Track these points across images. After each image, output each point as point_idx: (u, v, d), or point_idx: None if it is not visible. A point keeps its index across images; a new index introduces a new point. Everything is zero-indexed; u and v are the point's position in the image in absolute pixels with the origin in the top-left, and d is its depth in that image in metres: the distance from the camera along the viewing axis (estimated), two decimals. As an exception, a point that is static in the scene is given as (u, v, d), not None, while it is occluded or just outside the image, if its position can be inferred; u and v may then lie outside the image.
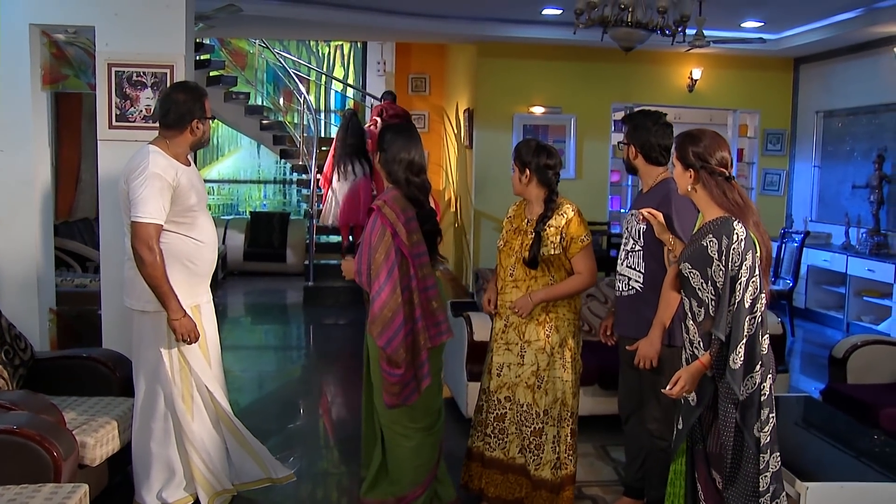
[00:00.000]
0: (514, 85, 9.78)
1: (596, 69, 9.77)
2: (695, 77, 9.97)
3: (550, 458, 3.86)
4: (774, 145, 10.36)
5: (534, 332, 3.87)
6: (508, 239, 3.97)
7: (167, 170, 3.60)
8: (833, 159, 9.57)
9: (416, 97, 12.84)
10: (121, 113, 4.71)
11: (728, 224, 2.99)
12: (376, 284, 3.57)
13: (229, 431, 3.90)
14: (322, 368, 7.35)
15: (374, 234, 3.62)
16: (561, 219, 3.83)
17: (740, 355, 2.93)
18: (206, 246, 3.77)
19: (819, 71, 9.81)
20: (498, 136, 9.77)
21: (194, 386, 3.74)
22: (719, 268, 2.97)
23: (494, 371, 3.94)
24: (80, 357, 4.26)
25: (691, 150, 3.10)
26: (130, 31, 4.74)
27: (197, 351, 3.74)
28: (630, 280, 3.80)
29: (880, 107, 8.73)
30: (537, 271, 3.84)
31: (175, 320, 3.57)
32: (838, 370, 5.03)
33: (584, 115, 9.93)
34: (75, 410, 3.82)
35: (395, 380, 3.57)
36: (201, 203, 3.78)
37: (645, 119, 3.83)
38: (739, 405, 3.00)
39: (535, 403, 3.85)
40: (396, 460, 3.81)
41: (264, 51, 12.12)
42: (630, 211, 3.90)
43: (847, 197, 9.22)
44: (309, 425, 5.79)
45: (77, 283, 5.60)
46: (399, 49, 12.63)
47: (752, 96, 10.25)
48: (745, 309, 2.93)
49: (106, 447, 3.65)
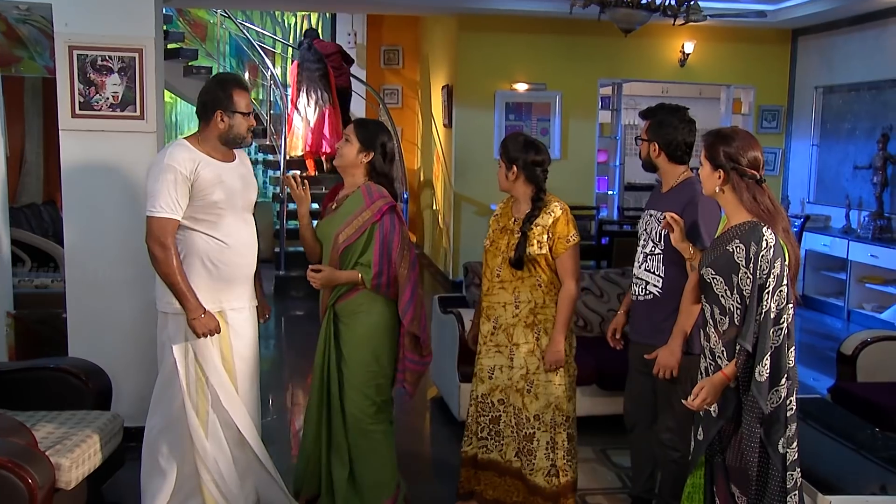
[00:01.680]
0: (496, 60, 9.73)
1: (582, 43, 9.73)
2: (687, 51, 9.97)
3: (544, 465, 3.88)
4: (770, 122, 10.41)
5: (522, 335, 3.88)
6: (495, 238, 3.98)
7: (184, 162, 3.53)
8: (833, 138, 9.64)
9: (389, 70, 12.75)
10: (85, 100, 4.61)
11: (757, 230, 2.98)
12: (403, 299, 3.72)
13: (254, 458, 3.79)
14: (294, 362, 7.31)
15: (394, 238, 3.71)
16: (548, 217, 3.84)
17: (766, 367, 2.93)
18: (231, 248, 3.63)
19: (818, 44, 9.85)
20: (479, 115, 9.73)
21: (210, 401, 3.64)
22: (746, 275, 2.96)
23: (486, 374, 3.97)
24: (48, 368, 4.15)
25: (722, 150, 3.08)
26: (93, 11, 4.63)
27: (217, 364, 3.63)
28: (648, 284, 3.79)
29: (884, 82, 8.76)
30: (523, 272, 3.86)
31: (193, 319, 3.51)
32: (847, 368, 5.06)
33: (569, 91, 9.91)
34: (45, 428, 3.74)
35: (423, 367, 3.90)
36: (231, 201, 3.64)
37: (670, 116, 3.81)
38: (764, 420, 3.00)
39: (524, 408, 3.88)
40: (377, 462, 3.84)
41: (226, 21, 11.94)
42: (648, 211, 3.88)
43: (848, 178, 9.29)
44: (280, 421, 5.78)
45: (37, 283, 5.49)
46: (370, 20, 12.51)
47: (747, 71, 10.28)
48: (772, 319, 2.93)
49: (82, 467, 3.58)
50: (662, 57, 10.11)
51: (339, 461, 3.84)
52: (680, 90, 12.79)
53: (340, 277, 3.73)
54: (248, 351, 3.77)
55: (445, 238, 10.48)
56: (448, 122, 10.15)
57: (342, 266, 3.74)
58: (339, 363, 3.80)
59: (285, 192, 9.88)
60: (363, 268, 3.71)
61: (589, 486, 4.60)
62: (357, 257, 3.72)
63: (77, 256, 4.73)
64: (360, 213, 3.73)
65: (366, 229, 3.71)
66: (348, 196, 3.83)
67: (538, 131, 9.87)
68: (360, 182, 3.82)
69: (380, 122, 4.12)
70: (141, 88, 4.65)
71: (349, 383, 3.78)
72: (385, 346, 3.81)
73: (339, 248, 3.72)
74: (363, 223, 3.71)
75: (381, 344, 3.80)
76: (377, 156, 3.81)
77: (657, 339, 3.71)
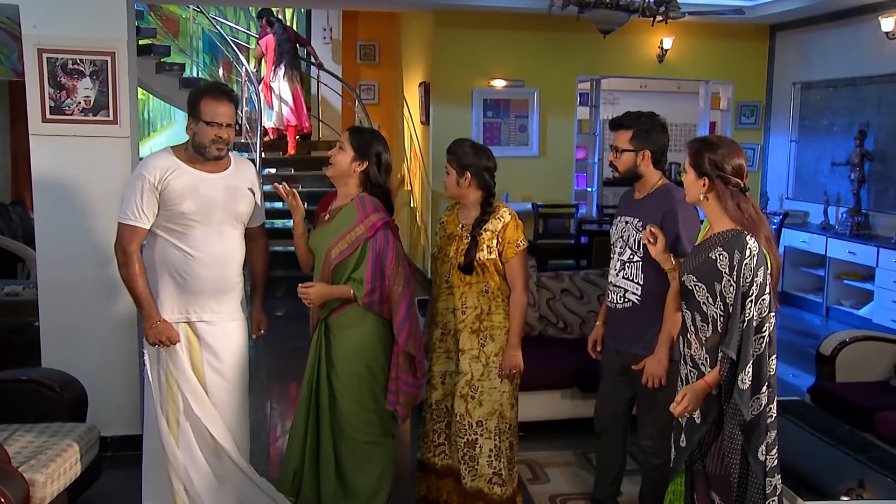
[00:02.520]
0: (474, 57, 9.73)
1: (561, 39, 9.74)
2: (665, 47, 10.01)
3: (486, 472, 3.90)
4: (749, 118, 10.48)
5: (467, 340, 3.89)
6: (442, 245, 3.98)
7: (154, 170, 3.52)
8: (811, 134, 9.72)
9: (365, 66, 12.71)
10: (56, 105, 4.56)
11: (741, 238, 3.01)
12: (398, 318, 3.67)
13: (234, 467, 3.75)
14: (272, 364, 7.29)
15: (388, 255, 3.67)
16: (497, 223, 3.84)
17: (749, 375, 2.97)
18: (198, 261, 3.60)
19: (796, 39, 9.92)
20: (457, 112, 9.72)
21: (180, 409, 3.63)
22: (730, 283, 2.99)
23: (438, 380, 3.98)
24: (19, 380, 4.12)
25: (708, 157, 3.11)
26: (62, 12, 4.57)
27: (187, 372, 3.62)
28: (627, 292, 3.80)
29: (862, 79, 8.85)
30: (472, 277, 3.86)
31: (147, 327, 3.55)
32: (826, 367, 5.12)
33: (548, 88, 9.93)
34: (19, 443, 3.71)
35: (417, 390, 3.82)
36: (205, 213, 3.59)
37: (653, 122, 3.82)
38: (745, 427, 3.04)
39: (467, 414, 3.88)
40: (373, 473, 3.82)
41: (199, 16, 11.86)
42: (623, 217, 3.88)
43: (826, 174, 9.38)
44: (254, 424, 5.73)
45: (7, 290, 5.41)
46: (346, 15, 12.47)
47: (726, 66, 10.35)
48: (755, 327, 2.97)
49: (58, 482, 3.56)
50: (641, 53, 10.15)
51: (327, 473, 3.80)
52: (658, 85, 12.88)
53: (333, 293, 3.68)
54: (224, 365, 3.73)
55: (423, 236, 10.48)
56: (425, 119, 10.14)
57: (335, 281, 3.70)
58: (330, 376, 3.76)
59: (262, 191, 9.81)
60: (356, 283, 3.66)
61: (570, 490, 4.62)
62: (350, 272, 3.67)
63: (50, 264, 4.68)
64: (354, 227, 3.66)
65: (359, 245, 3.65)
66: (341, 208, 3.76)
67: (516, 128, 9.89)
68: (354, 193, 3.76)
69: (375, 130, 4.08)
70: (114, 92, 4.61)
71: (343, 396, 3.75)
72: (378, 358, 3.77)
73: (332, 263, 3.67)
74: (356, 238, 3.65)
75: (375, 355, 3.76)
76: (372, 165, 3.74)
77: (636, 346, 3.75)
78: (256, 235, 3.97)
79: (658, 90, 13.29)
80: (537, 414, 5.25)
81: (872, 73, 8.69)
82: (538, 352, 5.37)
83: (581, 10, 5.30)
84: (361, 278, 3.65)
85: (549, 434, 5.28)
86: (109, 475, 4.27)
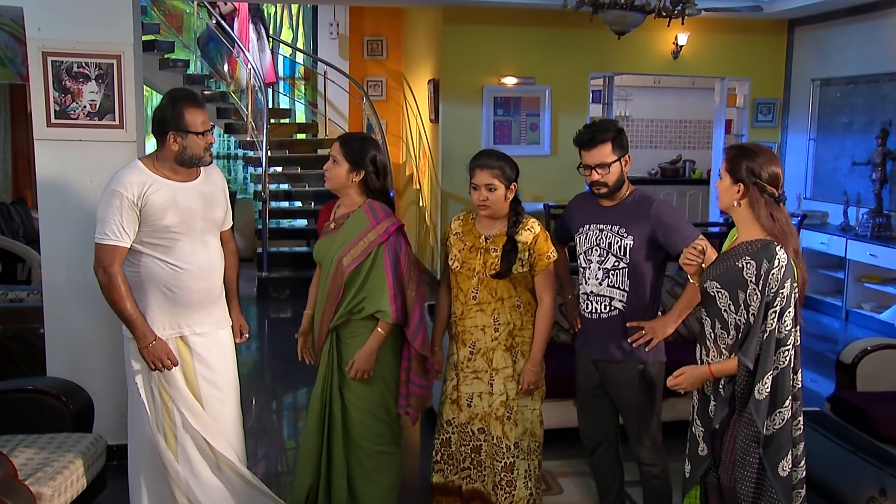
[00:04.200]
0: (484, 53, 9.72)
1: (572, 35, 9.72)
2: (680, 43, 9.99)
3: (523, 494, 3.88)
4: (766, 116, 10.46)
5: (501, 359, 3.86)
6: (465, 259, 3.89)
7: (132, 186, 3.52)
8: (830, 132, 9.69)
9: (372, 61, 12.70)
10: (61, 109, 4.59)
11: (770, 248, 3.04)
12: (413, 322, 3.71)
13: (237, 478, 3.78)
14: (277, 368, 7.32)
15: (402, 259, 3.70)
16: (528, 234, 3.82)
17: (766, 386, 3.00)
18: (188, 273, 3.62)
19: (815, 35, 9.89)
20: (466, 110, 9.72)
21: (177, 425, 3.65)
22: (755, 292, 3.03)
23: (464, 401, 3.91)
24: (25, 389, 4.14)
25: (745, 164, 3.14)
26: (67, 15, 4.59)
27: (181, 387, 3.64)
28: (613, 300, 3.78)
29: (883, 75, 8.80)
30: (504, 292, 3.82)
31: (142, 347, 3.54)
32: (846, 376, 5.10)
33: (559, 85, 9.91)
34: (25, 454, 3.73)
35: (428, 391, 3.89)
36: (188, 224, 3.61)
37: (617, 125, 3.81)
38: (763, 441, 3.05)
39: (504, 436, 3.85)
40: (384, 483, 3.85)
41: (202, 11, 11.86)
42: (596, 225, 3.82)
43: (845, 174, 9.35)
44: (260, 427, 5.81)
45: (11, 296, 5.44)
46: (352, 10, 12.46)
47: (742, 63, 10.32)
48: (779, 339, 3.00)
49: (65, 495, 3.58)
50: (655, 49, 10.13)
51: (339, 486, 3.81)
52: (673, 82, 12.85)
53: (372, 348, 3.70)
54: (217, 375, 3.76)
55: (432, 236, 10.49)
56: (434, 116, 10.14)
57: (347, 289, 3.69)
58: (342, 387, 3.78)
59: (268, 191, 9.86)
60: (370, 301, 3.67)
61: (584, 500, 4.66)
62: (362, 278, 3.67)
63: (55, 270, 4.71)
64: (365, 233, 3.68)
65: (372, 251, 3.66)
66: (348, 215, 3.77)
67: (528, 126, 9.89)
68: (359, 201, 3.78)
69: (365, 135, 4.09)
70: (120, 96, 4.63)
71: (354, 406, 3.77)
72: (391, 365, 3.80)
73: (346, 271, 3.67)
74: (368, 245, 3.67)
75: (386, 363, 3.78)
76: (369, 174, 3.75)
77: (616, 352, 3.80)
78: (227, 239, 3.98)
79: (672, 86, 13.27)
80: (548, 422, 5.19)
81: (895, 70, 8.64)
82: (549, 359, 5.33)
83: (595, 11, 5.30)
84: (372, 291, 3.66)
85: (561, 443, 5.27)
86: (115, 484, 4.29)
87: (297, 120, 13.16)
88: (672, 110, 13.71)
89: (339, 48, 12.56)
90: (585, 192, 4.01)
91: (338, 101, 12.62)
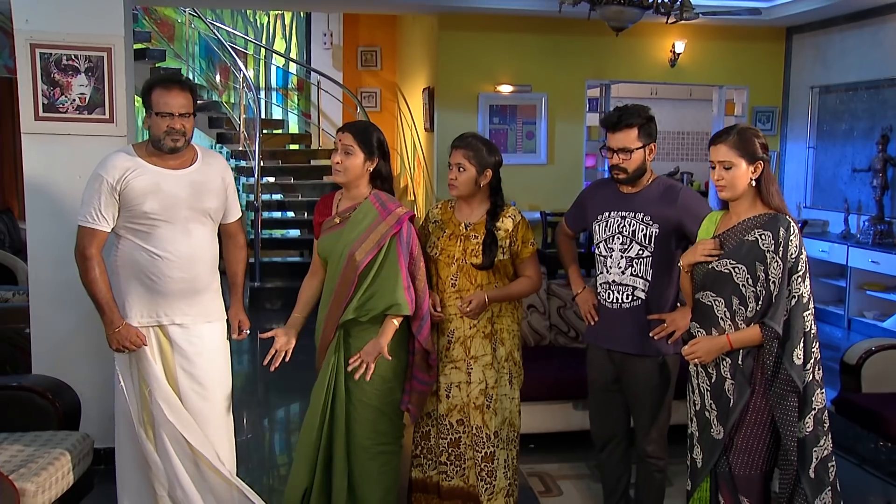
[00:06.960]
0: (479, 61, 9.74)
1: (568, 43, 9.75)
2: (677, 50, 10.01)
3: (503, 484, 3.85)
4: (764, 124, 10.46)
5: (480, 346, 3.81)
6: (444, 246, 3.85)
7: (113, 170, 3.51)
8: (830, 139, 9.70)
9: (366, 72, 12.72)
10: (49, 102, 4.55)
11: (781, 217, 3.11)
12: (420, 313, 3.64)
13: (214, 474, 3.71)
14: (269, 379, 7.24)
15: (412, 248, 3.64)
16: (510, 222, 3.80)
17: (801, 350, 3.07)
18: (166, 261, 3.57)
19: (814, 42, 9.91)
20: (462, 118, 9.68)
21: (156, 416, 3.61)
22: (775, 260, 3.07)
23: (443, 391, 3.85)
24: (10, 387, 4.07)
25: (757, 142, 3.18)
26: (56, 6, 4.56)
27: (159, 379, 3.60)
28: (636, 290, 3.73)
29: (883, 81, 8.82)
30: (484, 279, 3.78)
31: (108, 333, 3.56)
32: (851, 378, 5.07)
33: (555, 93, 9.94)
34: (8, 451, 3.67)
35: (429, 388, 3.80)
36: (170, 212, 3.57)
37: (649, 112, 3.78)
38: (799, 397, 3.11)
39: (485, 426, 3.80)
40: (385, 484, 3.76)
41: (195, 20, 11.88)
42: (618, 212, 3.77)
43: (846, 181, 9.35)
44: (254, 441, 5.74)
45: (-3, 297, 5.40)
46: (346, 19, 12.49)
47: (741, 70, 10.35)
48: (803, 304, 3.06)
49: (49, 492, 3.51)
50: (652, 57, 10.15)
51: (339, 488, 3.71)
52: (669, 93, 12.88)
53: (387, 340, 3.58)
54: (198, 370, 3.70)
55: (427, 247, 10.44)
56: (430, 125, 10.13)
57: (360, 283, 3.58)
58: (348, 383, 3.66)
59: (260, 201, 9.83)
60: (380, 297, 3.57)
61: (584, 503, 4.59)
62: (374, 271, 3.57)
63: (41, 268, 4.66)
64: (376, 225, 3.57)
65: (384, 244, 3.56)
66: (354, 208, 3.67)
67: (524, 135, 9.89)
68: (366, 192, 3.69)
69: (368, 121, 4.07)
70: (109, 90, 4.60)
71: (362, 403, 3.66)
72: (402, 358, 3.70)
73: (360, 266, 3.54)
74: (381, 237, 3.56)
75: (398, 355, 3.67)
76: (381, 161, 3.68)
77: (634, 345, 3.75)
78: (232, 232, 3.95)
79: (669, 97, 13.29)
80: (549, 425, 5.21)
81: (894, 75, 8.66)
82: (549, 362, 5.34)
83: (593, 7, 5.29)
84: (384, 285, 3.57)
85: (561, 446, 5.24)
86: (102, 489, 4.22)
87: (290, 130, 13.14)
88: (669, 122, 13.72)
89: (332, 59, 12.58)
90: (602, 179, 4.01)
91: (331, 111, 12.62)
